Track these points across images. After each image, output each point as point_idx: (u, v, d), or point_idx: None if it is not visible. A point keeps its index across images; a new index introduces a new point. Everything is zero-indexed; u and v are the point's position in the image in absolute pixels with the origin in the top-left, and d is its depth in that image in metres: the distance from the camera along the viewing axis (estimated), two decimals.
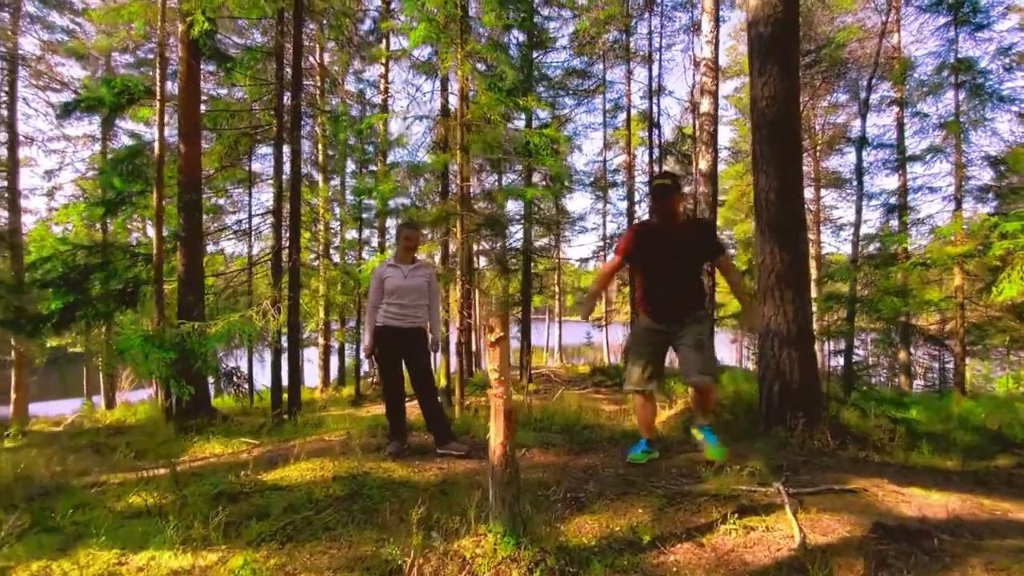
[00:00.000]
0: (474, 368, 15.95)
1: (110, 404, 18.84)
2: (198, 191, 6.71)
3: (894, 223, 12.22)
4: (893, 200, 12.30)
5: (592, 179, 18.11)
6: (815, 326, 16.77)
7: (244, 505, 2.52)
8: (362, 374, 14.74)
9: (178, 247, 6.58)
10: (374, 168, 14.22)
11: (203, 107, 7.83)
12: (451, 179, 8.57)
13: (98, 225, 18.57)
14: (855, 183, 12.44)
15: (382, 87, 14.44)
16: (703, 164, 7.22)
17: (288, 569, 1.90)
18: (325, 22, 10.27)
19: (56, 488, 2.90)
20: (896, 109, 13.08)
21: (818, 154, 21.08)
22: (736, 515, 2.24)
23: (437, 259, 10.92)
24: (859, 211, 11.89)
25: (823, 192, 22.46)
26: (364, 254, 15.16)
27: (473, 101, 6.19)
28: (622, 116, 17.25)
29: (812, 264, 21.76)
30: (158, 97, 6.20)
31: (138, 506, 2.55)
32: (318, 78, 14.64)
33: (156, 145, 5.98)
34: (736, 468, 2.82)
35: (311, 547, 2.08)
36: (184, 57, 6.63)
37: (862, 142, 11.83)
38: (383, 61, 14.49)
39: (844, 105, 20.39)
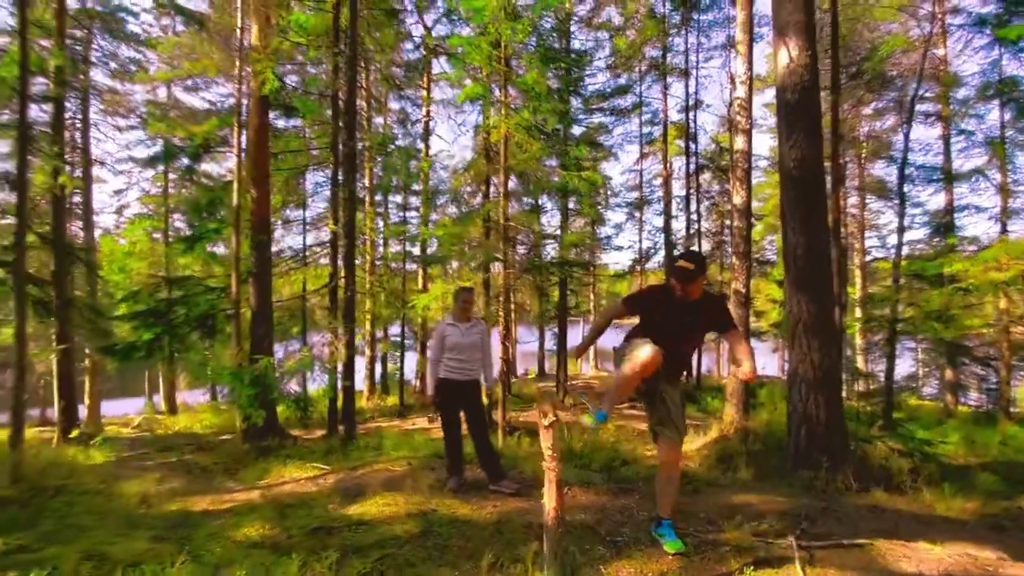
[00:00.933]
0: (511, 378, 16.40)
1: (171, 405, 20.31)
2: (267, 231, 7.47)
3: (941, 242, 12.01)
4: (936, 218, 12.08)
5: (626, 195, 18.31)
6: (859, 341, 16.41)
7: (339, 539, 3.07)
8: (406, 381, 15.52)
9: (250, 282, 7.34)
10: (417, 187, 14.98)
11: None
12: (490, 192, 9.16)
13: (157, 235, 20.11)
14: (896, 201, 12.29)
15: (424, 111, 15.15)
16: (738, 199, 7.46)
17: None
18: (373, 63, 10.97)
19: (182, 517, 3.53)
20: (942, 124, 12.83)
21: (863, 162, 20.60)
22: (752, 566, 2.62)
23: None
24: (901, 230, 11.77)
25: (868, 199, 21.92)
26: (408, 265, 15.97)
27: (516, 146, 6.66)
28: (658, 130, 17.45)
29: (857, 274, 21.23)
30: (236, 152, 6.95)
31: (254, 537, 3.14)
32: (365, 103, 15.50)
33: (235, 195, 6.73)
34: (756, 519, 3.17)
35: None
36: (254, 110, 7.40)
37: (904, 161, 11.71)
38: (426, 86, 15.21)
39: (891, 110, 19.84)
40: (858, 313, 17.67)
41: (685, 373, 3.35)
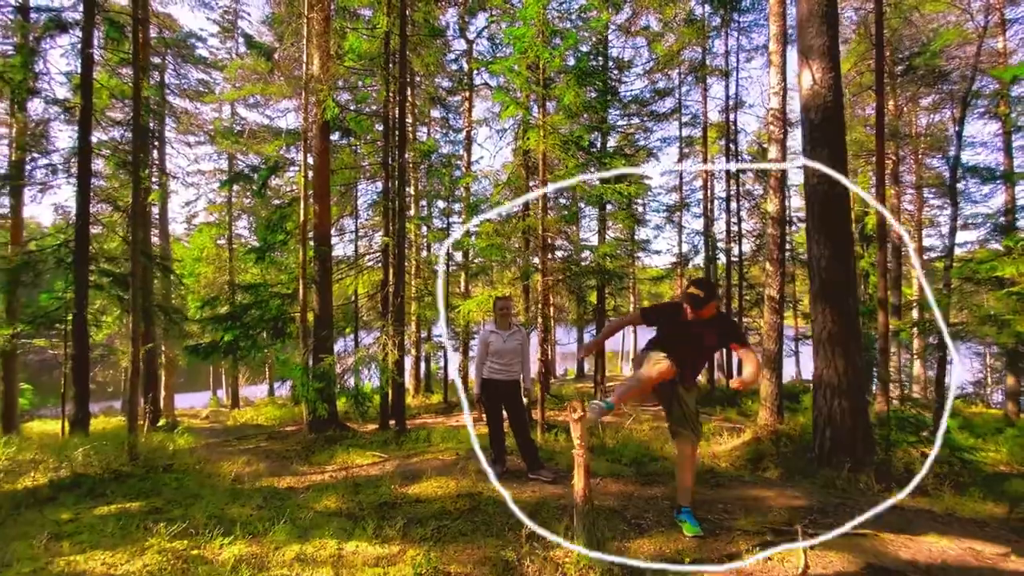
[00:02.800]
0: (551, 378, 16.85)
1: (234, 398, 21.95)
2: (328, 243, 8.25)
3: (997, 243, 11.55)
4: (994, 220, 11.63)
5: (667, 196, 18.35)
6: (916, 345, 15.88)
7: (402, 512, 3.64)
8: (450, 380, 16.26)
9: (314, 288, 8.14)
10: (458, 192, 15.67)
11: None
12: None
13: (221, 241, 21.78)
14: (949, 202, 11.92)
15: (466, 121, 15.82)
16: (771, 207, 7.63)
17: (444, 560, 2.94)
18: (419, 80, 11.68)
19: (271, 492, 4.22)
20: (1001, 120, 12.31)
21: (920, 157, 19.76)
22: (759, 548, 2.99)
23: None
24: (953, 232, 11.46)
25: (926, 195, 20.97)
26: (451, 267, 16.69)
27: (553, 161, 7.10)
28: (697, 132, 17.44)
29: (914, 273, 20.37)
30: (302, 172, 7.75)
31: (332, 508, 3.76)
32: (411, 116, 16.36)
33: (301, 212, 7.51)
34: (769, 510, 3.52)
35: (454, 547, 3.12)
36: (317, 135, 8.19)
37: (956, 160, 11.38)
38: (468, 97, 15.89)
39: (947, 102, 18.95)
40: (915, 315, 17.04)
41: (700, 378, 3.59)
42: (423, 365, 18.66)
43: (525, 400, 4.61)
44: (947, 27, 15.09)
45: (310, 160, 8.00)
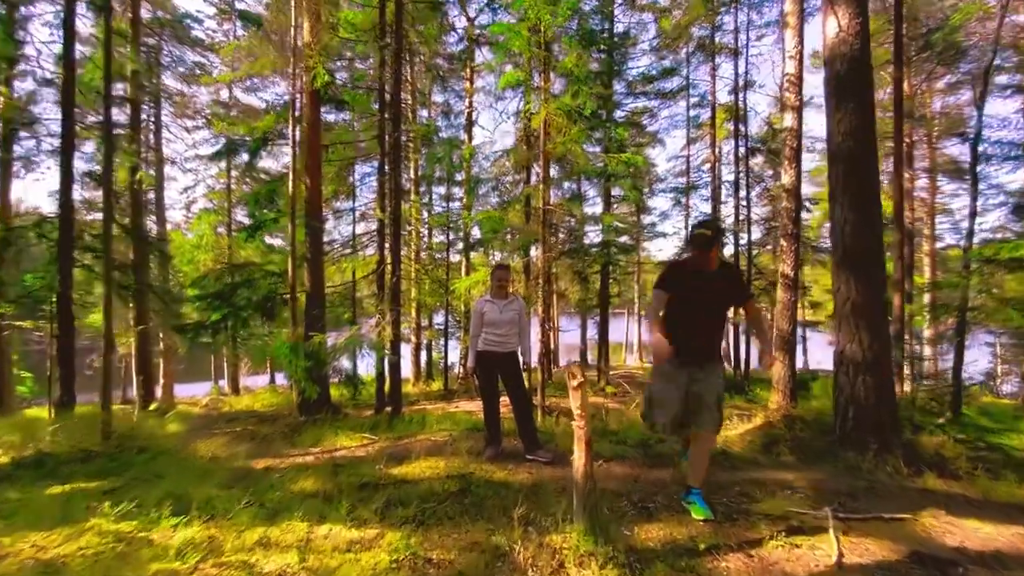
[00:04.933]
0: (552, 368, 16.49)
1: (235, 388, 21.76)
2: (320, 218, 7.89)
3: (1017, 225, 11.08)
4: (1015, 199, 11.15)
5: (673, 181, 17.89)
6: (928, 331, 15.46)
7: (384, 493, 3.30)
8: (449, 366, 15.93)
9: (305, 267, 7.79)
10: (460, 176, 15.24)
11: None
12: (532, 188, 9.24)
13: (221, 229, 21.48)
14: (969, 181, 11.43)
15: (467, 102, 15.37)
16: (787, 179, 7.21)
17: (426, 546, 2.60)
18: (418, 56, 11.24)
19: (245, 472, 3.89)
20: (1022, 96, 11.79)
21: (934, 141, 19.18)
22: (784, 533, 2.64)
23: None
24: (973, 213, 10.98)
25: (939, 181, 20.40)
26: (451, 256, 16.32)
27: (556, 131, 6.70)
28: (706, 113, 16.91)
29: (926, 261, 19.85)
30: (291, 144, 7.37)
31: (309, 489, 3.42)
32: (410, 96, 15.92)
33: (290, 184, 7.15)
34: (790, 493, 3.16)
35: (439, 530, 2.78)
36: (308, 104, 7.80)
37: (977, 137, 10.89)
38: (468, 77, 15.43)
39: (965, 83, 18.29)
40: (926, 301, 16.58)
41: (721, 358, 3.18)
42: (424, 353, 18.35)
43: (526, 366, 4.23)
44: (963, 3, 14.49)
45: (299, 133, 7.61)
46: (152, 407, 10.25)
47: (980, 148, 10.96)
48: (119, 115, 14.54)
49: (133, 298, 10.51)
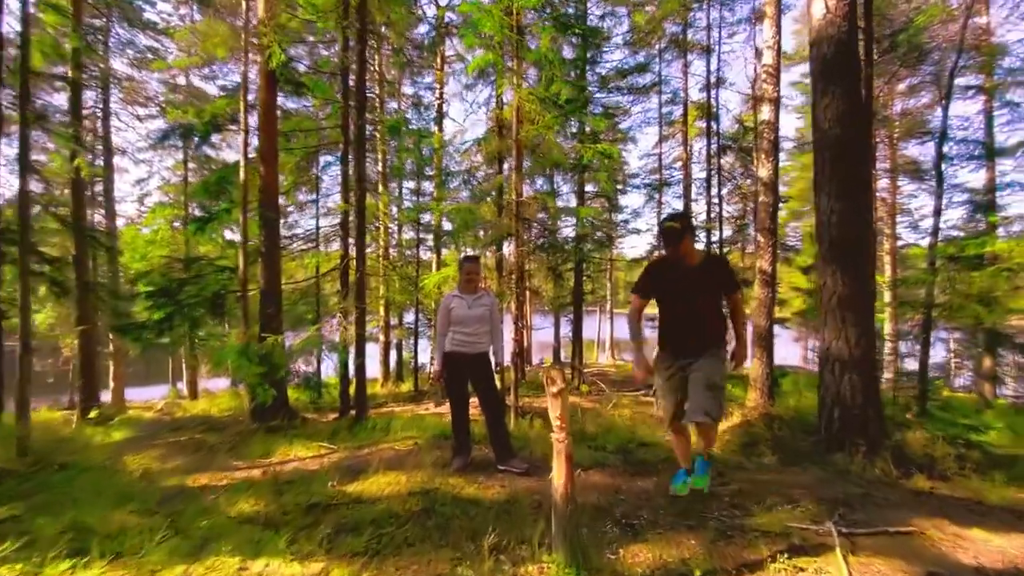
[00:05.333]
0: (525, 367, 16.17)
1: (193, 392, 20.66)
2: (276, 209, 7.31)
3: (981, 224, 11.34)
4: (979, 197, 11.41)
5: (646, 178, 17.83)
6: (888, 328, 15.70)
7: (335, 516, 2.89)
8: (420, 367, 15.41)
9: (259, 261, 7.21)
10: (430, 171, 14.73)
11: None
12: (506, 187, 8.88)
13: (178, 224, 20.36)
14: (934, 179, 11.64)
15: (438, 93, 14.89)
16: (763, 172, 7.05)
17: None
18: (385, 42, 10.72)
19: (178, 492, 3.40)
20: (984, 97, 12.08)
21: (895, 142, 19.69)
22: (786, 554, 2.35)
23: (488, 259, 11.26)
24: (938, 211, 11.14)
25: (900, 181, 21.00)
26: (422, 253, 15.79)
27: (527, 119, 6.36)
28: (678, 110, 16.87)
29: (887, 260, 20.40)
30: (242, 128, 6.80)
31: (248, 513, 2.97)
32: (378, 87, 15.31)
33: (241, 171, 6.58)
34: (788, 503, 2.89)
35: (395, 561, 2.39)
36: (263, 86, 7.22)
37: (942, 137, 11.06)
38: (439, 67, 14.94)
39: (927, 85, 18.80)
40: (887, 299, 16.98)
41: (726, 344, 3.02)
42: (393, 352, 17.76)
43: (497, 366, 3.86)
44: (927, 6, 14.82)
45: (255, 118, 7.04)
46: (93, 414, 9.43)
47: (944, 148, 11.16)
48: (60, 100, 13.48)
49: (73, 296, 9.68)
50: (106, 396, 16.74)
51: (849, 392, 4.23)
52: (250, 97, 8.32)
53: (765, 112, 7.01)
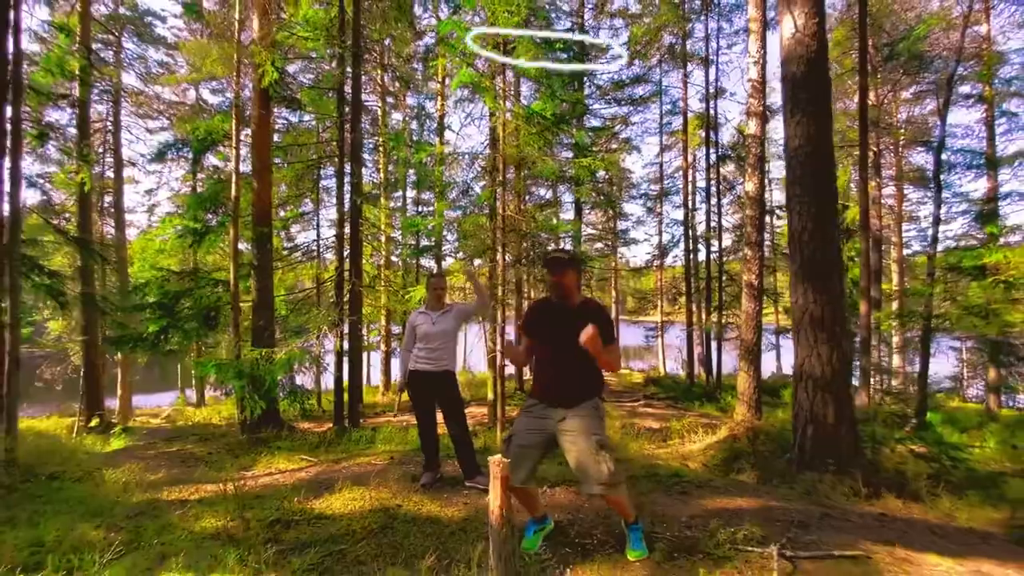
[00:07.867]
0: (522, 380, 16.11)
1: (200, 398, 20.96)
2: (269, 224, 7.47)
3: (981, 234, 11.21)
4: (978, 206, 11.28)
5: (647, 187, 17.86)
6: (895, 339, 15.52)
7: (294, 533, 2.95)
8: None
9: (252, 275, 7.36)
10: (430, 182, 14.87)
11: (275, 135, 8.66)
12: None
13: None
14: (933, 188, 11.53)
15: (439, 104, 15.07)
16: (750, 186, 7.07)
17: None
18: (387, 56, 10.90)
19: (149, 506, 3.49)
20: (984, 106, 11.98)
21: (901, 150, 19.52)
22: None
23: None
24: (937, 220, 11.05)
25: (907, 189, 20.79)
26: (425, 262, 15.91)
27: (510, 135, 6.44)
28: (678, 121, 16.90)
29: (894, 268, 20.12)
30: (233, 144, 6.97)
31: (211, 529, 3.05)
32: (380, 99, 15.56)
33: (232, 187, 6.74)
34: (745, 524, 2.90)
35: None
36: (256, 102, 7.40)
37: (941, 145, 10.98)
38: (440, 80, 15.13)
39: (929, 94, 18.66)
40: (894, 308, 16.77)
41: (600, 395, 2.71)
42: (395, 361, 17.87)
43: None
44: (928, 14, 14.75)
45: (249, 133, 7.21)
46: (94, 423, 9.62)
47: (944, 156, 11.07)
48: (62, 115, 13.80)
49: (78, 306, 9.92)
50: (114, 403, 17.02)
51: (822, 410, 4.23)
52: (248, 113, 8.54)
53: (752, 126, 7.04)
